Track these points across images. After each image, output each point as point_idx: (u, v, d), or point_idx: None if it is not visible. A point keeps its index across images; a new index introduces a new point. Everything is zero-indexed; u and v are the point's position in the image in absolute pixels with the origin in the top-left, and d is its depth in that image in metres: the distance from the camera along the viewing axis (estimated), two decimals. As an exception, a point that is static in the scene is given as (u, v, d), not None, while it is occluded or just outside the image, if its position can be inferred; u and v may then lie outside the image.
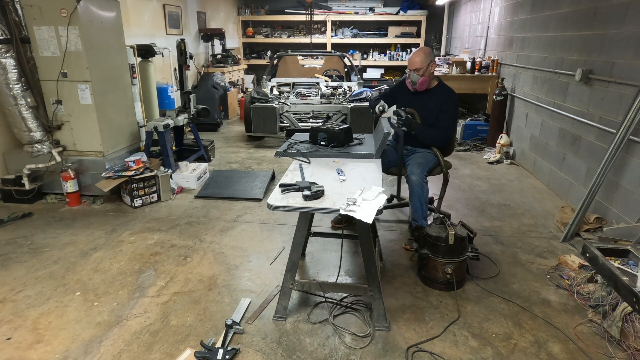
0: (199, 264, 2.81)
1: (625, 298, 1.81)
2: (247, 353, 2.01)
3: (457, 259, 2.47)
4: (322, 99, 5.96)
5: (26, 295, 2.45)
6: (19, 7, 3.43)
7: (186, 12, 7.29)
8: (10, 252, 2.93)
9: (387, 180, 4.31)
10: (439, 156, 3.09)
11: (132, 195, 3.66)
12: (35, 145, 3.65)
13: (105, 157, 3.77)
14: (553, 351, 2.05)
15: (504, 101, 5.30)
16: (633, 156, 2.96)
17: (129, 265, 2.77)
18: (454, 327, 2.21)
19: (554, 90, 4.15)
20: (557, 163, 4.04)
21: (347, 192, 2.01)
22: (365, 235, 2.07)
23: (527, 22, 4.90)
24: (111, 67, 3.86)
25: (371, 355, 2.02)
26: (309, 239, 2.95)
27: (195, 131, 4.79)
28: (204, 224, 3.39)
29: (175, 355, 1.98)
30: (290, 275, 2.19)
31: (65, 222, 3.42)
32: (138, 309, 2.33)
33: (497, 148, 5.22)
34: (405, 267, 2.78)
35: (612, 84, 3.21)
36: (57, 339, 2.10)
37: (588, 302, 2.35)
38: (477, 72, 6.09)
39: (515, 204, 3.82)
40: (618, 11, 3.17)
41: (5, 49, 3.36)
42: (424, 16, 10.02)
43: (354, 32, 10.55)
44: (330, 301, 2.36)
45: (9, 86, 3.43)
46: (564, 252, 2.95)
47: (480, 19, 6.97)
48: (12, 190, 3.69)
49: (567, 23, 3.92)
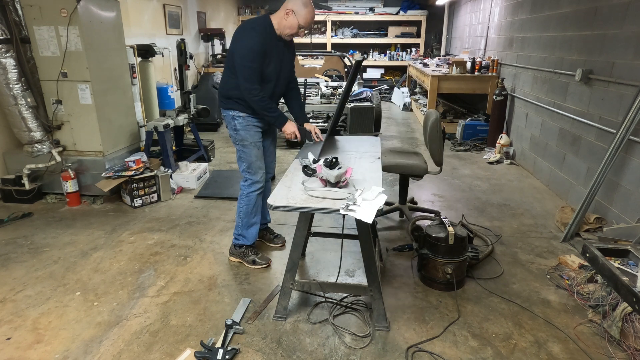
0: (199, 264, 2.81)
1: (625, 298, 1.81)
2: (247, 353, 2.01)
3: (457, 259, 2.47)
4: (322, 99, 5.96)
5: (26, 295, 2.45)
6: (19, 7, 3.43)
7: (186, 12, 7.29)
8: (10, 252, 2.93)
9: (387, 180, 4.31)
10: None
11: (132, 195, 3.66)
12: (35, 145, 3.65)
13: (105, 157, 3.76)
14: (553, 351, 2.05)
15: (504, 101, 5.31)
16: (633, 156, 2.96)
17: (129, 265, 2.77)
18: (454, 327, 2.20)
19: (554, 90, 4.15)
20: (557, 163, 4.04)
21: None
22: (365, 235, 2.07)
23: (527, 22, 4.90)
24: (111, 67, 3.86)
25: (371, 355, 2.02)
26: (309, 239, 2.96)
27: (195, 131, 4.79)
28: (204, 224, 3.39)
29: (175, 355, 1.98)
30: (290, 275, 2.19)
31: (65, 222, 3.42)
32: (138, 309, 2.33)
33: (497, 148, 5.23)
34: (405, 267, 2.78)
35: (612, 84, 3.21)
36: (57, 339, 2.10)
37: (588, 302, 2.35)
38: (477, 72, 6.09)
39: (515, 204, 3.82)
40: (618, 11, 3.17)
41: (5, 49, 3.36)
42: (424, 16, 10.02)
43: (354, 32, 10.56)
44: (330, 301, 2.36)
45: (9, 86, 3.43)
46: (564, 252, 2.95)
47: (480, 19, 6.97)
48: (12, 190, 3.69)
49: (567, 23, 3.92)
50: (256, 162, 2.67)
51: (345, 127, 5.65)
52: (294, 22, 2.43)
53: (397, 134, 6.59)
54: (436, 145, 3.11)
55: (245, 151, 2.65)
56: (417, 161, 3.27)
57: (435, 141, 3.10)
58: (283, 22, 2.44)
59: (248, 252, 2.77)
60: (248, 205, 2.70)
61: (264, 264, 2.74)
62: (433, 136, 3.09)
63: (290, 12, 2.40)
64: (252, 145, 2.65)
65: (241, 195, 2.72)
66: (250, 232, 2.75)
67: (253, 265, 2.73)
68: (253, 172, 2.67)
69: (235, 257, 2.81)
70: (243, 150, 2.65)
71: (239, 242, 2.78)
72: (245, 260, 2.76)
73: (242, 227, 2.74)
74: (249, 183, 2.68)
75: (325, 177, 2.06)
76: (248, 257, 2.76)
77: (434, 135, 3.08)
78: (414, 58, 9.61)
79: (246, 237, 2.75)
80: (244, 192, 2.70)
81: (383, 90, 10.05)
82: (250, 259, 2.75)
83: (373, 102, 5.95)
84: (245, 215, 2.72)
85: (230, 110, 2.60)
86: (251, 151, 2.65)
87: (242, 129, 2.61)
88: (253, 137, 2.65)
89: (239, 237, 2.77)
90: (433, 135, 3.09)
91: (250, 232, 2.75)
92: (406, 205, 3.45)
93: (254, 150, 2.66)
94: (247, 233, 2.75)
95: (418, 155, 3.42)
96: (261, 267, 2.73)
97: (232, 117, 2.60)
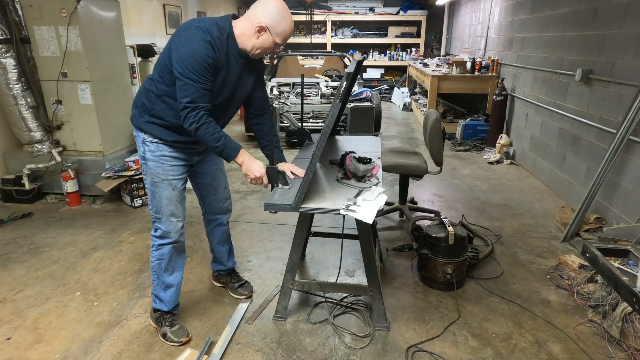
0: (199, 264, 2.80)
1: (625, 298, 1.81)
2: (247, 353, 2.01)
3: (457, 259, 2.47)
4: (322, 99, 5.96)
5: (26, 295, 2.45)
6: (19, 7, 3.43)
7: (186, 12, 7.29)
8: (10, 252, 2.93)
9: (387, 180, 4.31)
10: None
11: (132, 195, 3.66)
12: (35, 145, 3.65)
13: (105, 157, 3.77)
14: (553, 351, 2.05)
15: (504, 101, 5.31)
16: (633, 156, 2.96)
17: (129, 265, 2.77)
18: (454, 327, 2.20)
19: (554, 90, 4.15)
20: (557, 163, 4.04)
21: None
22: (365, 236, 2.07)
23: (527, 22, 4.90)
24: (111, 67, 3.86)
25: (371, 355, 2.02)
26: (309, 239, 2.95)
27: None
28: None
29: (175, 355, 1.98)
30: (290, 275, 2.19)
31: (65, 222, 3.42)
32: (138, 309, 2.33)
33: (497, 148, 5.23)
34: (405, 267, 2.78)
35: (612, 84, 3.21)
36: (57, 339, 2.10)
37: (588, 302, 2.35)
38: (477, 72, 6.09)
39: (515, 204, 3.82)
40: (618, 11, 3.17)
41: (5, 49, 3.36)
42: (424, 16, 10.03)
43: (354, 32, 10.56)
44: (330, 301, 2.36)
45: (9, 86, 3.43)
46: (564, 252, 2.95)
47: (480, 19, 6.97)
48: (12, 190, 3.69)
49: (567, 23, 3.92)
50: (167, 207, 1.99)
51: (345, 127, 5.65)
52: (268, 41, 1.81)
53: (397, 134, 6.59)
54: (436, 145, 3.11)
55: (153, 190, 1.97)
56: (417, 161, 3.27)
57: (435, 141, 3.10)
58: (251, 41, 1.81)
59: (162, 320, 2.12)
60: (161, 261, 2.06)
61: (176, 342, 2.04)
62: (433, 136, 3.09)
63: (264, 29, 1.78)
64: (164, 183, 1.97)
65: (152, 247, 2.08)
66: (166, 295, 2.11)
67: (164, 340, 2.07)
68: (163, 219, 2.00)
69: (152, 321, 2.19)
70: (151, 189, 1.98)
71: (156, 306, 2.15)
72: (159, 331, 2.11)
73: (157, 286, 2.11)
74: (159, 233, 2.04)
75: (353, 169, 2.13)
76: (161, 328, 2.10)
77: (434, 135, 3.08)
78: (414, 58, 9.61)
79: (162, 301, 2.12)
80: (155, 244, 2.06)
81: (383, 90, 10.05)
82: (162, 330, 2.09)
83: (373, 102, 5.95)
84: (158, 273, 2.09)
85: (141, 131, 1.94)
86: (162, 192, 1.97)
87: (152, 160, 1.95)
88: (167, 173, 1.96)
89: (155, 299, 2.14)
90: (433, 135, 3.09)
91: (166, 295, 2.11)
92: (406, 205, 3.45)
93: (167, 191, 1.97)
94: (163, 295, 2.11)
95: (418, 155, 3.42)
96: (173, 344, 2.04)
97: (143, 140, 1.94)
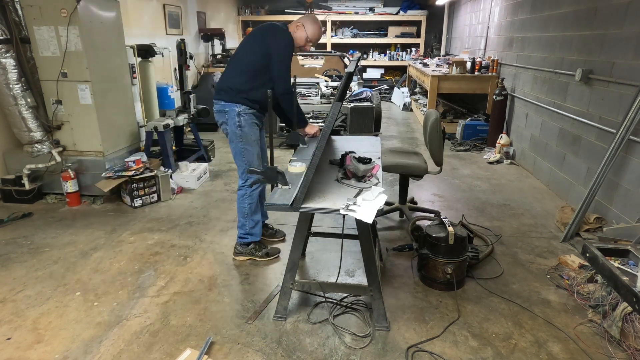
0: (199, 264, 2.81)
1: (625, 298, 1.81)
2: (247, 353, 2.01)
3: (457, 259, 2.47)
4: (322, 99, 5.96)
5: (26, 295, 2.45)
6: (19, 7, 3.43)
7: (186, 12, 7.28)
8: (10, 252, 2.93)
9: (387, 180, 4.31)
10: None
11: (132, 195, 3.66)
12: (35, 145, 3.65)
13: (105, 157, 3.76)
14: (553, 351, 2.05)
15: (504, 101, 5.31)
16: (633, 156, 2.96)
17: (129, 265, 2.77)
18: (454, 327, 2.20)
19: (554, 90, 4.15)
20: (557, 163, 4.04)
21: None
22: (365, 235, 2.07)
23: (527, 22, 4.90)
24: (111, 67, 3.86)
25: (371, 355, 2.02)
26: (309, 239, 2.96)
27: (195, 131, 4.79)
28: (204, 224, 3.39)
29: (175, 355, 1.98)
30: (290, 275, 2.19)
31: (65, 222, 3.42)
32: (138, 309, 2.33)
33: (497, 148, 5.23)
34: (405, 267, 2.78)
35: (612, 84, 3.21)
36: (57, 339, 2.10)
37: (588, 302, 2.35)
38: (477, 72, 6.09)
39: (515, 204, 3.82)
40: (618, 11, 3.17)
41: (5, 49, 3.36)
42: (424, 16, 10.02)
43: (354, 32, 10.55)
44: (330, 301, 2.36)
45: (9, 86, 3.43)
46: (564, 252, 2.95)
47: (480, 19, 6.97)
48: (12, 190, 3.69)
49: (567, 23, 3.92)
50: (257, 160, 2.73)
51: (345, 127, 5.65)
52: (303, 35, 2.66)
53: (397, 134, 6.59)
54: (436, 145, 3.11)
55: (248, 149, 2.67)
56: (417, 161, 3.27)
57: (435, 141, 3.10)
58: (294, 34, 2.65)
59: (259, 247, 2.85)
60: (252, 203, 2.75)
61: (276, 255, 2.87)
62: (433, 136, 3.09)
63: (300, 25, 2.65)
64: (254, 143, 2.69)
65: (243, 196, 2.75)
66: (257, 229, 2.82)
67: (266, 258, 2.82)
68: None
69: (244, 255, 2.84)
70: (246, 149, 2.66)
71: (247, 240, 2.82)
72: (257, 256, 2.83)
73: (248, 225, 2.79)
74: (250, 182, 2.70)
75: (353, 169, 2.16)
76: (260, 252, 2.83)
77: (434, 135, 3.08)
78: (414, 58, 9.61)
79: (254, 234, 2.81)
80: (247, 192, 2.74)
81: (383, 90, 10.05)
82: (263, 252, 2.84)
83: (373, 102, 5.95)
84: (250, 214, 2.77)
85: (237, 104, 2.60)
86: (254, 149, 2.69)
87: (247, 126, 2.64)
88: (256, 134, 2.70)
89: (246, 236, 2.81)
90: (433, 135, 3.09)
91: (257, 229, 2.82)
92: (406, 205, 3.45)
93: (256, 148, 2.71)
94: (254, 230, 2.81)
95: (418, 155, 3.42)
96: (274, 257, 2.85)
97: (238, 112, 2.60)
